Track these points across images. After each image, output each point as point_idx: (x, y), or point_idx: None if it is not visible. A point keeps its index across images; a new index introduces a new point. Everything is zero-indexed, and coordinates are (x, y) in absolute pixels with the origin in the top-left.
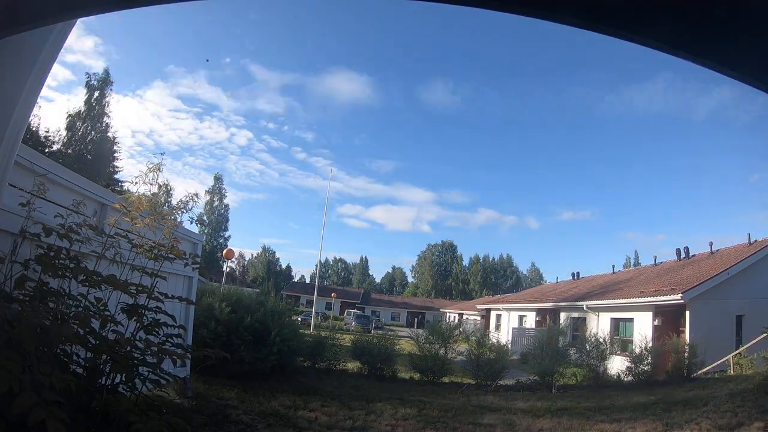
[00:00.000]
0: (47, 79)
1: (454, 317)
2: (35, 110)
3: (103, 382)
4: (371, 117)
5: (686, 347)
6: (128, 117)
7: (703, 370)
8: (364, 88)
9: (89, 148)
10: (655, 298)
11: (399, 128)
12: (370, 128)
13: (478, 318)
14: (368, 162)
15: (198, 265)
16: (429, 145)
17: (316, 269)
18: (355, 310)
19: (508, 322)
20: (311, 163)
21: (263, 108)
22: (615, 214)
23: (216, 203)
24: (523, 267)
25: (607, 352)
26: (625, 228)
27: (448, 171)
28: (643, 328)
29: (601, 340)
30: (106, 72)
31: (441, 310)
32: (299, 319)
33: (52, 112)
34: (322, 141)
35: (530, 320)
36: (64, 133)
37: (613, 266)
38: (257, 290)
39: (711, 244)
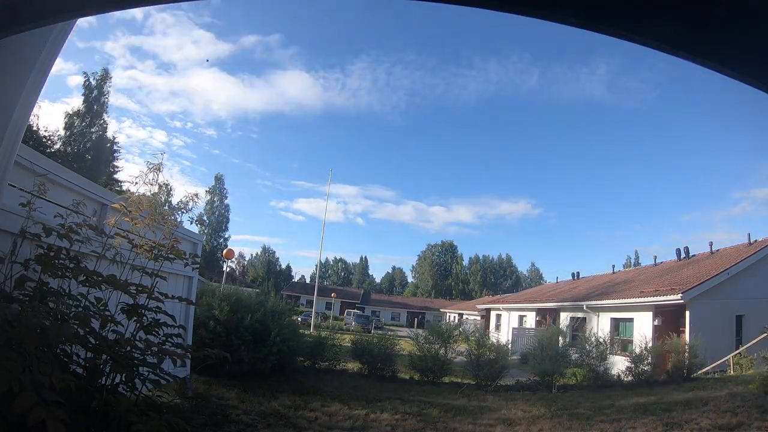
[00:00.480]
0: (46, 79)
1: (454, 317)
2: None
3: (103, 382)
4: (250, 114)
5: (686, 347)
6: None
7: (703, 370)
8: (236, 86)
9: (88, 147)
10: (655, 298)
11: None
12: (257, 123)
13: (478, 318)
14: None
15: (198, 265)
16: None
17: (316, 269)
18: (355, 310)
19: (508, 322)
20: (225, 157)
21: (164, 108)
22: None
23: (216, 203)
24: (522, 267)
25: (607, 352)
26: (592, 227)
27: (371, 167)
28: (643, 328)
29: (601, 340)
30: (105, 71)
31: (441, 310)
32: (299, 319)
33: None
34: (222, 136)
35: (530, 320)
36: (61, 132)
37: (613, 266)
38: (257, 290)
39: (711, 244)
